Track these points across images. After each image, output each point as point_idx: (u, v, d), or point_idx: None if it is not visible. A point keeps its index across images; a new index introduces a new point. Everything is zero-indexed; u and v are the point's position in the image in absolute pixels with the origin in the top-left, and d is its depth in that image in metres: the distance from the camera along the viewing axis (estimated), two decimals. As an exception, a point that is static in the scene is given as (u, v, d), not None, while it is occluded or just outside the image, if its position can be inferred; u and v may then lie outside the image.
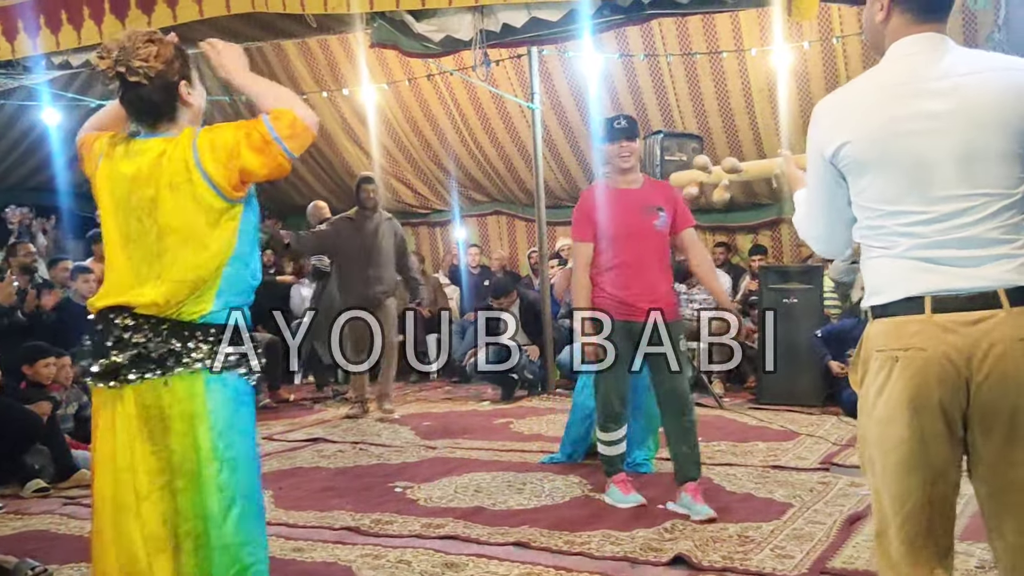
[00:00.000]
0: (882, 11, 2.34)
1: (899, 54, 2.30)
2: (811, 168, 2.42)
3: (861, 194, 2.29)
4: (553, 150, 11.04)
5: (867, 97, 2.30)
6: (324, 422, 8.02)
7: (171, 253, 2.68)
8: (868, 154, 2.24)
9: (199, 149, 2.66)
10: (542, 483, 5.54)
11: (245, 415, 2.79)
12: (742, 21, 9.08)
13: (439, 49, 5.74)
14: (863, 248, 2.36)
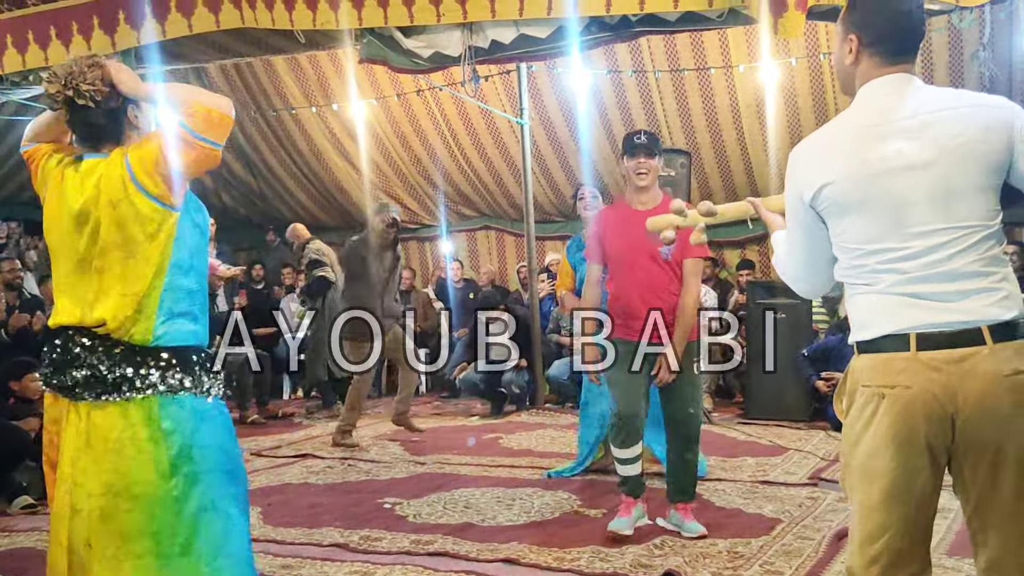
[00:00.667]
0: (851, 54, 2.39)
1: (868, 95, 2.35)
2: (790, 212, 2.44)
3: (842, 235, 2.32)
4: (542, 165, 11.06)
5: (841, 140, 2.33)
6: (313, 438, 7.98)
7: (114, 268, 2.72)
8: (847, 196, 2.27)
9: (132, 165, 2.70)
10: (532, 499, 5.53)
11: (208, 430, 2.80)
12: (729, 38, 9.12)
13: (428, 65, 5.74)
14: (847, 286, 2.38)
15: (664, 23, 5.10)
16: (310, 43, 6.31)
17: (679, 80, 9.79)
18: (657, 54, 9.60)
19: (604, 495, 5.55)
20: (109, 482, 2.67)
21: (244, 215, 13.39)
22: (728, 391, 9.50)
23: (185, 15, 6.41)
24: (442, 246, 12.75)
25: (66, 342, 2.74)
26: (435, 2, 5.36)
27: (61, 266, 2.81)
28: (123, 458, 2.68)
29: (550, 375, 9.38)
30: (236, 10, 6.16)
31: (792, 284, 2.57)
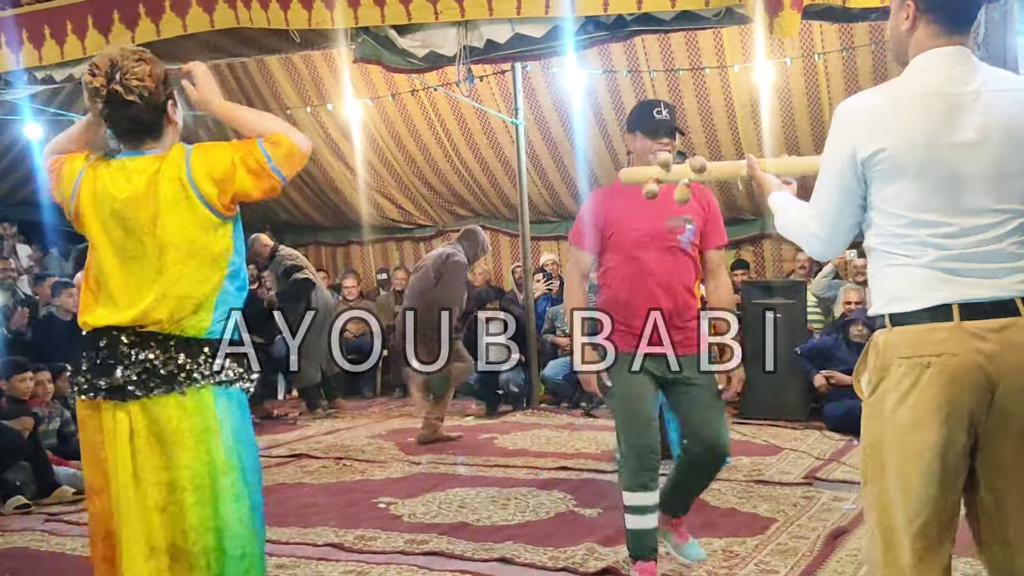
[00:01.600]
0: (907, 20, 2.35)
1: (929, 65, 2.32)
2: (832, 168, 2.38)
3: (891, 200, 2.29)
4: (537, 165, 11.05)
5: (904, 105, 2.30)
6: (307, 438, 7.98)
7: (174, 269, 2.70)
8: (905, 161, 2.25)
9: (192, 167, 2.69)
10: (526, 498, 5.52)
11: (248, 425, 2.86)
12: (724, 38, 9.12)
13: (423, 64, 5.73)
14: (879, 255, 2.35)
15: (660, 23, 5.10)
16: (305, 43, 6.30)
17: (674, 80, 9.79)
18: (652, 54, 9.61)
19: (599, 494, 5.56)
20: (174, 478, 2.68)
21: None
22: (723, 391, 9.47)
23: (179, 15, 6.40)
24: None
25: (112, 342, 2.72)
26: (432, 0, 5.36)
27: (103, 263, 2.77)
28: (185, 450, 2.68)
29: (546, 375, 9.38)
30: (231, 10, 6.15)
31: (807, 243, 2.51)
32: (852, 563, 4.17)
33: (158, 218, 2.68)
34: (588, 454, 6.90)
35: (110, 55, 2.69)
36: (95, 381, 2.71)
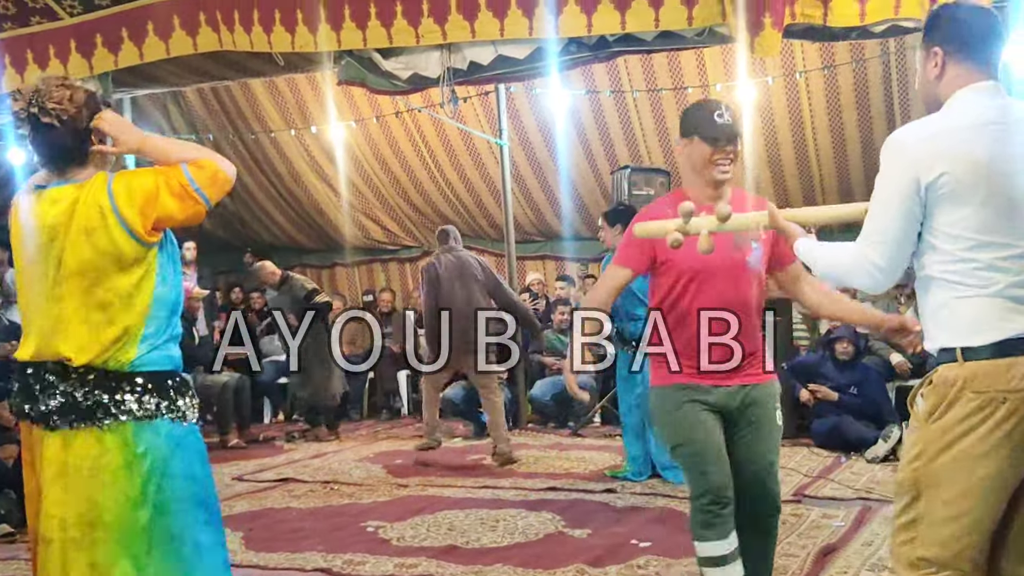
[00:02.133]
0: (937, 67, 2.46)
1: (971, 99, 2.40)
2: (893, 196, 2.39)
3: (954, 224, 2.32)
4: (522, 185, 11.07)
5: (961, 132, 2.35)
6: (294, 462, 7.93)
7: (76, 297, 2.66)
8: (969, 184, 2.29)
9: (115, 194, 2.64)
10: (515, 520, 5.50)
11: (181, 457, 2.74)
12: (706, 57, 9.19)
13: (407, 86, 5.74)
14: (942, 286, 2.37)
15: (642, 43, 5.12)
16: (288, 66, 6.31)
17: (656, 99, 9.84)
18: (634, 74, 9.66)
19: (588, 515, 5.54)
20: (82, 512, 2.62)
21: (223, 238, 13.31)
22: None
23: (163, 38, 6.39)
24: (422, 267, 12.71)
25: (37, 371, 2.70)
26: (414, 23, 5.36)
27: (29, 295, 2.76)
28: (97, 485, 2.63)
29: (533, 395, 9.36)
30: (214, 33, 6.15)
31: (866, 274, 2.46)
32: (842, 581, 4.17)
33: (68, 245, 2.64)
34: (576, 474, 6.88)
35: (36, 82, 2.70)
36: (24, 407, 2.71)
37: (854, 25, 4.66)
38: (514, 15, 5.12)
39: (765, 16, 4.53)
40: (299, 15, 5.73)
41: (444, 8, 5.26)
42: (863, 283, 2.51)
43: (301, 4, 5.71)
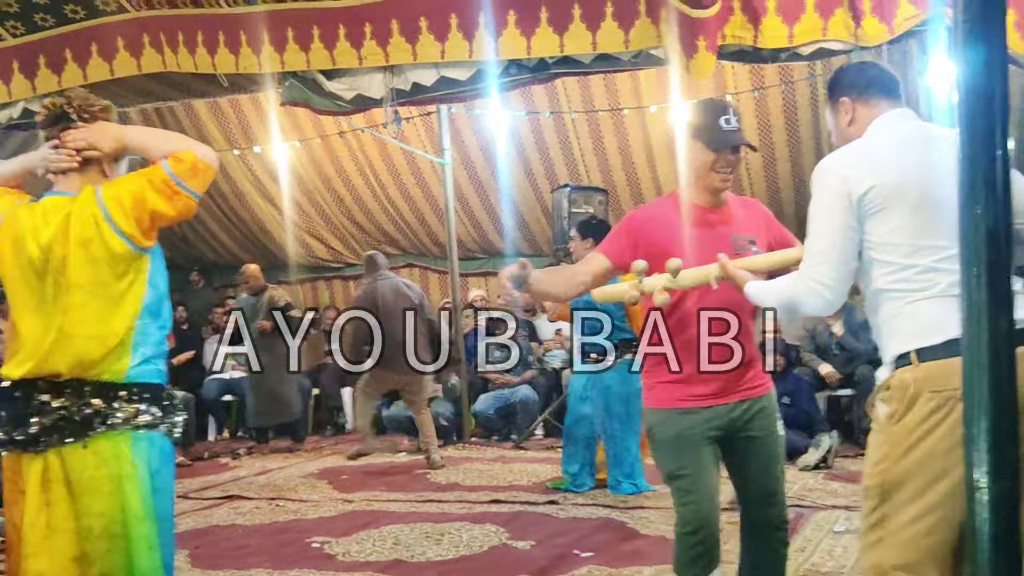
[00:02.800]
0: (848, 115, 2.60)
1: (888, 122, 2.51)
2: (830, 216, 2.44)
3: (893, 233, 2.38)
4: (464, 204, 11.06)
5: (884, 149, 2.45)
6: (240, 479, 7.81)
7: (78, 309, 2.61)
8: (898, 192, 2.36)
9: (106, 203, 2.61)
10: (460, 533, 5.46)
11: (167, 474, 2.73)
12: (641, 80, 9.25)
13: (351, 107, 5.70)
14: (892, 296, 2.40)
15: (580, 65, 5.15)
16: (233, 87, 6.24)
17: (594, 121, 9.90)
18: (572, 95, 9.71)
19: (531, 526, 5.52)
20: (88, 526, 2.57)
21: (168, 257, 12.86)
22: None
23: (107, 59, 6.29)
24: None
25: (28, 391, 2.62)
26: (357, 45, 5.34)
27: (19, 310, 2.69)
28: (99, 496, 2.57)
29: (476, 410, 9.33)
30: (158, 55, 6.06)
31: (814, 295, 2.48)
32: None
33: (67, 258, 2.60)
34: (520, 486, 6.86)
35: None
36: (12, 434, 2.61)
37: (783, 47, 4.71)
38: (455, 38, 5.12)
39: (699, 39, 4.58)
40: (243, 37, 5.68)
41: (386, 31, 5.24)
42: (814, 304, 2.52)
43: (245, 26, 5.65)
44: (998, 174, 1.57)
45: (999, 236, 1.56)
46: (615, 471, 6.39)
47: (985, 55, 1.60)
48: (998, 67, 1.61)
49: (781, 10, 4.66)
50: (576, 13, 4.91)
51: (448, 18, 5.12)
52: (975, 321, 1.58)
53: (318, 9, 5.40)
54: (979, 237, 1.57)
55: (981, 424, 1.58)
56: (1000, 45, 1.63)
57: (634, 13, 4.86)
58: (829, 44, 4.71)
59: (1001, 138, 1.59)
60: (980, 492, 1.59)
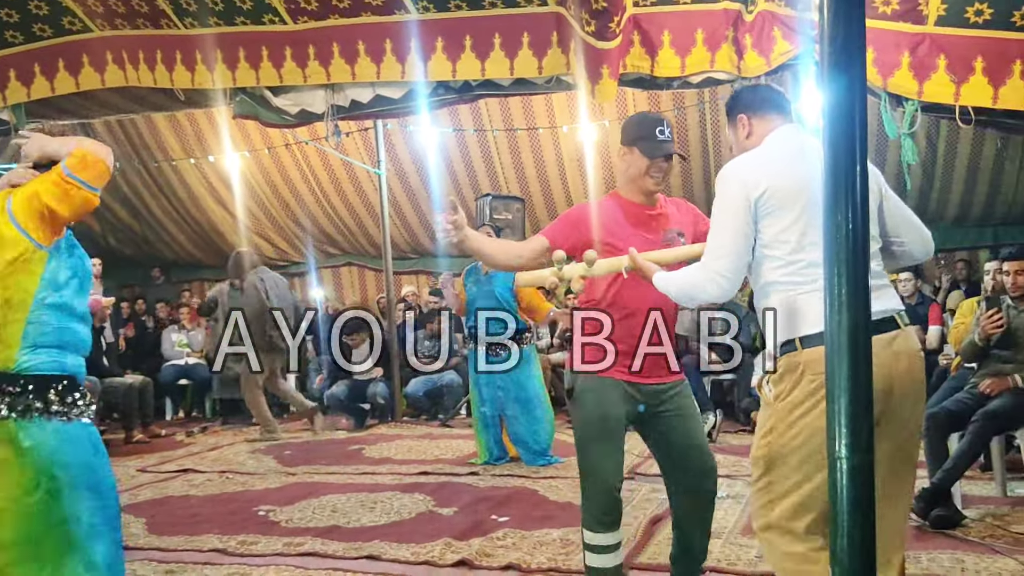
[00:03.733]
0: (745, 128, 2.63)
1: (783, 136, 2.55)
2: (730, 215, 2.45)
3: (783, 232, 2.40)
4: (397, 209, 11.00)
5: (777, 158, 2.48)
6: (194, 454, 7.63)
7: None
8: (788, 194, 2.39)
9: (12, 203, 2.52)
10: (391, 502, 5.41)
11: (72, 449, 2.57)
12: (555, 102, 9.31)
13: (295, 120, 5.62)
14: (781, 288, 2.42)
15: (500, 87, 5.14)
16: (189, 102, 6.09)
17: (513, 138, 9.92)
18: (494, 115, 9.72)
19: (455, 495, 5.50)
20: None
21: (129, 255, 12.80)
22: (561, 400, 9.57)
23: (73, 74, 6.11)
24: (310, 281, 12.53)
25: None
26: (302, 65, 5.26)
27: None
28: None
29: (407, 392, 9.29)
30: (120, 71, 5.90)
31: (713, 284, 2.48)
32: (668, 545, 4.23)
33: None
34: (446, 460, 6.83)
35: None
36: None
37: (676, 76, 4.76)
38: (389, 60, 5.08)
39: (603, 67, 4.60)
40: (198, 55, 5.55)
41: (328, 53, 5.17)
42: (712, 292, 2.51)
43: (200, 46, 5.53)
44: (857, 187, 1.60)
45: (857, 239, 1.59)
46: (521, 448, 6.42)
47: (847, 84, 1.63)
48: (858, 95, 1.64)
49: (674, 44, 4.71)
50: (496, 42, 4.90)
51: (383, 43, 5.08)
52: (836, 312, 1.61)
53: (267, 32, 5.31)
54: (840, 240, 1.60)
55: (841, 402, 1.60)
56: (860, 77, 1.66)
57: (547, 43, 4.87)
58: (716, 74, 4.77)
59: (860, 156, 1.61)
60: (840, 463, 1.61)
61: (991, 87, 4.12)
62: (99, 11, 5.63)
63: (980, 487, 5.18)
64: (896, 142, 5.67)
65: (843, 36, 1.62)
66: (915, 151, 4.69)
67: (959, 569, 3.71)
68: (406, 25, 5.00)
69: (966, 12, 4.06)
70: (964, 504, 4.63)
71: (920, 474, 4.98)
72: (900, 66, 4.23)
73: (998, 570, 3.69)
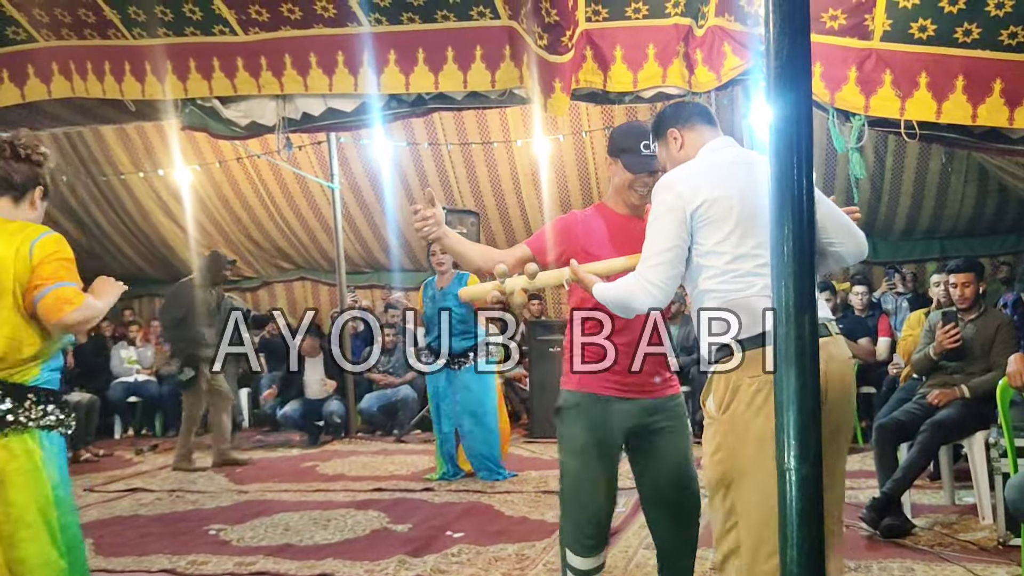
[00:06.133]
0: (678, 141, 2.65)
1: (717, 147, 2.57)
2: (666, 226, 2.44)
3: (720, 243, 2.40)
4: (351, 223, 10.94)
5: (713, 170, 2.49)
6: (143, 473, 7.49)
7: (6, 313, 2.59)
8: (725, 207, 2.39)
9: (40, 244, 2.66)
10: (345, 519, 5.35)
11: (64, 467, 2.70)
12: (508, 116, 9.34)
13: (245, 132, 5.55)
14: (716, 296, 2.40)
15: (453, 101, 5.13)
16: (139, 114, 5.99)
17: (468, 152, 9.93)
18: (448, 129, 9.73)
19: (409, 511, 5.46)
20: (6, 513, 2.52)
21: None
22: (515, 415, 9.57)
23: (18, 85, 5.99)
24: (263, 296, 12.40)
25: None
26: (255, 75, 5.22)
27: None
28: (14, 488, 2.53)
29: (361, 407, 9.21)
30: (67, 81, 5.79)
31: (646, 294, 2.44)
32: (623, 557, 4.24)
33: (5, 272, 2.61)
34: (400, 476, 6.78)
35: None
36: None
37: (628, 91, 4.79)
38: (341, 72, 5.05)
39: (556, 81, 4.61)
40: (147, 66, 5.47)
41: (280, 65, 5.13)
42: (644, 301, 2.47)
43: (149, 56, 5.45)
44: (804, 198, 1.62)
45: (804, 250, 1.61)
46: (475, 462, 6.40)
47: (793, 99, 1.65)
48: (804, 109, 1.66)
49: (626, 59, 4.74)
50: (449, 55, 4.90)
51: (335, 55, 5.05)
52: (784, 322, 1.62)
53: (217, 43, 5.25)
54: (788, 251, 1.61)
55: (789, 414, 1.61)
56: (805, 91, 1.68)
57: (500, 57, 4.88)
58: (667, 89, 4.80)
59: (806, 168, 1.63)
60: (789, 473, 1.62)
61: (935, 102, 4.20)
62: (44, 21, 5.52)
63: (929, 496, 5.26)
64: (845, 157, 5.76)
65: (788, 50, 1.64)
66: (863, 165, 4.77)
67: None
68: (358, 38, 4.98)
69: (911, 28, 4.14)
70: (914, 513, 4.70)
71: (870, 484, 5.09)
72: (847, 81, 4.30)
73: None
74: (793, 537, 1.61)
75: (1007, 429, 4.04)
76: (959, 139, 4.43)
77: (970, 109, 4.17)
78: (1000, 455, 4.28)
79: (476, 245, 3.10)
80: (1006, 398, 4.09)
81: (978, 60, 4.12)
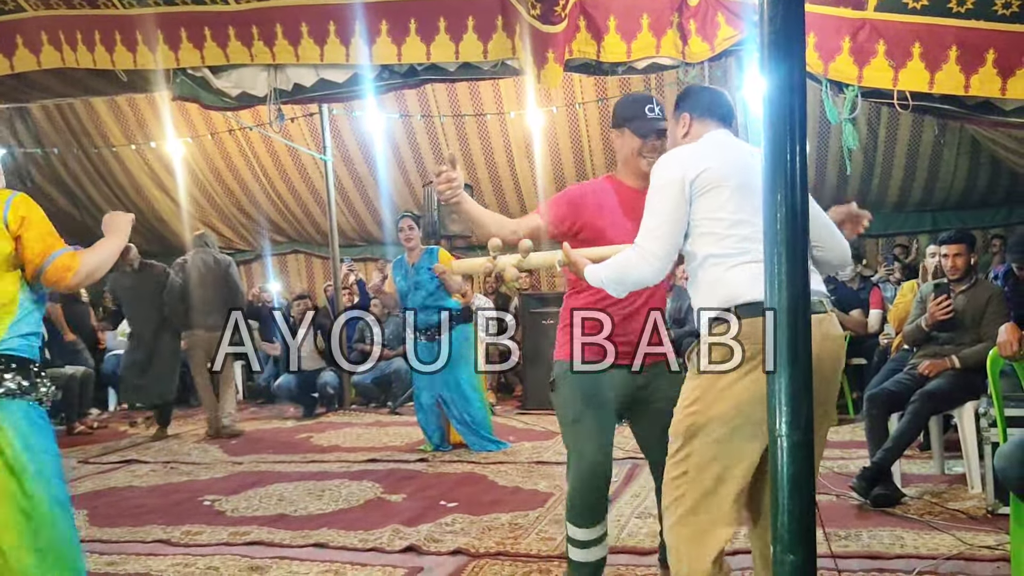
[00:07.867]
0: (684, 127, 2.66)
1: (718, 137, 2.60)
2: (666, 198, 2.46)
3: (718, 210, 2.42)
4: (344, 196, 10.90)
5: (712, 147, 2.53)
6: (137, 445, 7.51)
7: None
8: (722, 175, 2.42)
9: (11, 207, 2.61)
10: (339, 489, 5.37)
11: (42, 436, 2.63)
12: (502, 88, 9.29)
13: (236, 103, 5.51)
14: (717, 261, 2.42)
15: (445, 72, 5.10)
16: (130, 85, 5.94)
17: (460, 124, 9.88)
18: (441, 101, 9.67)
19: (403, 481, 5.48)
20: None
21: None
22: (508, 386, 9.60)
23: (6, 56, 5.93)
24: (257, 269, 12.38)
25: None
26: (247, 44, 5.18)
27: None
28: None
29: (355, 380, 9.23)
30: (57, 52, 5.74)
31: (646, 264, 2.46)
32: (616, 526, 4.26)
33: None
34: (394, 447, 6.80)
35: None
36: None
37: (622, 61, 4.76)
38: (332, 43, 5.02)
39: (549, 52, 4.58)
40: (139, 36, 5.42)
41: (271, 34, 5.09)
42: (645, 272, 2.47)
43: (140, 26, 5.40)
44: (796, 166, 1.62)
45: (796, 218, 1.61)
46: (464, 432, 6.42)
47: (786, 67, 1.64)
48: (798, 78, 1.65)
49: (620, 29, 4.71)
50: (441, 25, 4.87)
51: (327, 24, 5.01)
52: (776, 290, 1.62)
53: (208, 12, 5.20)
54: (780, 218, 1.61)
55: (781, 381, 1.62)
56: (799, 59, 1.67)
57: (492, 27, 4.84)
58: (661, 60, 4.78)
59: (800, 136, 1.63)
60: (780, 439, 1.63)
61: (928, 72, 4.19)
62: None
63: (919, 466, 5.29)
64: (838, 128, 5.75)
65: (782, 20, 1.63)
66: (856, 137, 4.76)
67: (898, 546, 3.78)
68: (350, 7, 4.94)
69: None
70: (904, 483, 4.74)
71: (861, 454, 5.12)
72: (841, 51, 4.29)
73: (936, 545, 3.77)
74: (784, 503, 1.62)
75: (997, 399, 4.06)
76: (952, 110, 4.43)
77: (963, 79, 4.16)
78: (989, 425, 4.30)
79: (491, 213, 3.08)
80: (996, 368, 4.10)
81: (971, 30, 4.10)
